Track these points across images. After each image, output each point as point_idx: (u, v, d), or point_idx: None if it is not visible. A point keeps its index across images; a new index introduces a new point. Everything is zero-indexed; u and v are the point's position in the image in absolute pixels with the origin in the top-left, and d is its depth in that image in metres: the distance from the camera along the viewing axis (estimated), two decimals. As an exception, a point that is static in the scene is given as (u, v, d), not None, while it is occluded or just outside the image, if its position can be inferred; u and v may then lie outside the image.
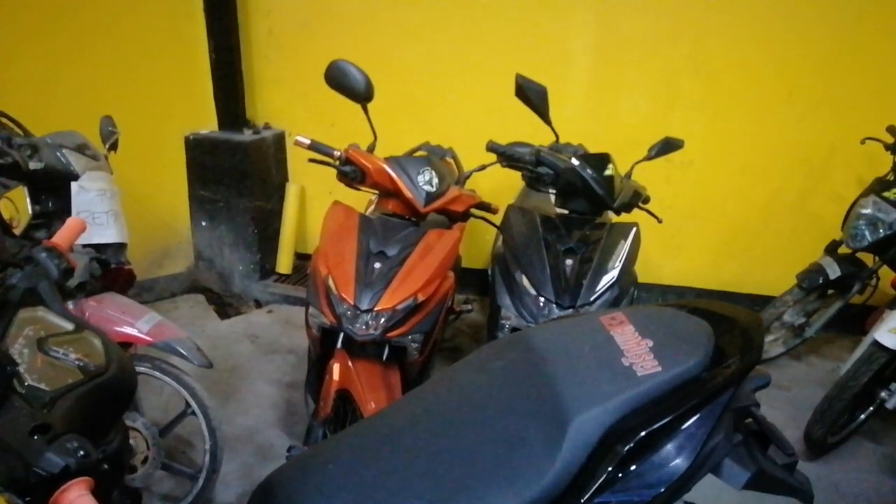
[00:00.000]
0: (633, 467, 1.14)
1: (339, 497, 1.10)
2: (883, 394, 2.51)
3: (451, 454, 1.15)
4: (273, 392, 2.98)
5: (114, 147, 2.38)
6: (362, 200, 2.87)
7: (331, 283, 2.00)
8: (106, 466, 0.94)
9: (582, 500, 1.11)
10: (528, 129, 2.53)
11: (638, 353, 1.22)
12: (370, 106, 2.11)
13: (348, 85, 2.03)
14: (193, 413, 2.15)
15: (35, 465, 0.84)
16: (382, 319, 1.97)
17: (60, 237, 1.25)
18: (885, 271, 2.95)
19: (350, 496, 1.10)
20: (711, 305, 1.42)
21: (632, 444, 1.12)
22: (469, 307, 2.96)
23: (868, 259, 2.97)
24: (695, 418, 1.16)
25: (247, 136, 3.78)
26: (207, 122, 3.84)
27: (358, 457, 1.20)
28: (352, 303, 1.95)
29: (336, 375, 2.04)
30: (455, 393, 1.29)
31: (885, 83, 3.19)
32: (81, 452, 0.86)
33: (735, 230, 3.59)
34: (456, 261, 2.30)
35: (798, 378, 3.15)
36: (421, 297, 2.01)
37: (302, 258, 4.22)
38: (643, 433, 1.12)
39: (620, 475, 1.13)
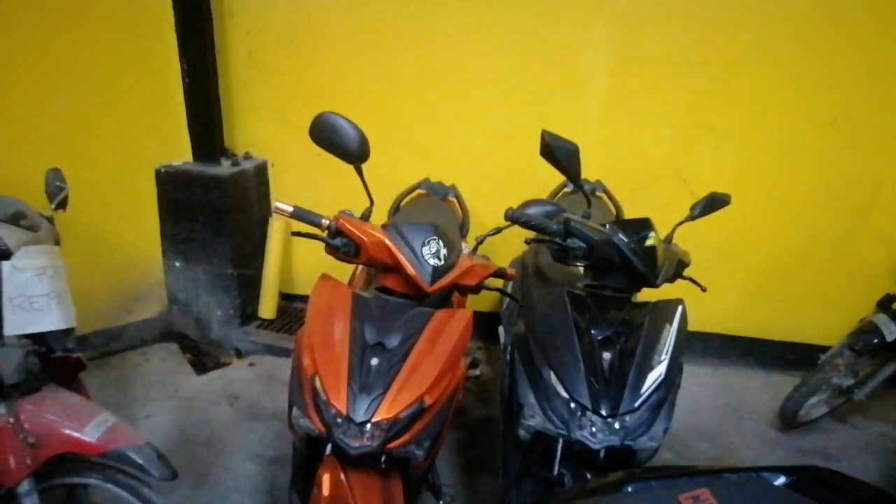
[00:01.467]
0: None
1: None
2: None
3: None
4: (254, 470, 2.61)
5: (62, 205, 2.01)
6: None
7: (318, 384, 1.63)
8: None
9: None
10: (536, 161, 2.17)
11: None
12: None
13: (338, 143, 1.66)
14: None
15: None
16: (381, 431, 1.60)
17: None
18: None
19: None
20: (824, 474, 1.07)
21: None
22: (477, 372, 2.60)
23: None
24: None
25: (225, 167, 3.40)
26: (181, 153, 3.46)
27: None
28: (344, 412, 1.59)
29: (326, 490, 1.67)
30: None
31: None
32: None
33: (768, 272, 3.25)
34: None
35: (847, 446, 2.81)
36: (428, 401, 1.64)
37: (287, 299, 3.85)
38: None
39: None
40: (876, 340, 2.55)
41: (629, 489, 1.07)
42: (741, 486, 1.02)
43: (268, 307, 3.63)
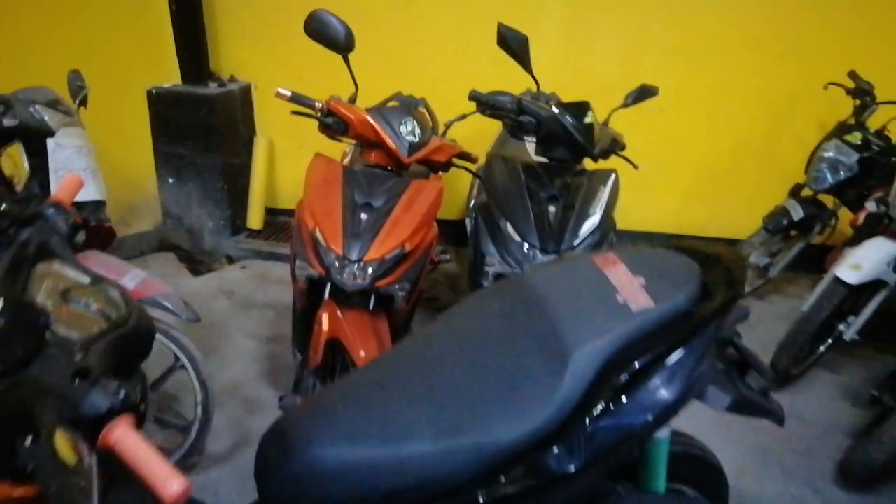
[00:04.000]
0: (626, 396, 1.20)
1: (350, 437, 1.14)
2: (841, 326, 2.66)
3: (456, 391, 1.20)
4: (254, 347, 3.00)
5: (83, 102, 2.31)
6: (337, 152, 2.86)
7: (318, 234, 2.01)
8: (142, 407, 0.98)
9: (580, 428, 1.18)
10: (503, 80, 2.53)
11: (631, 290, 1.27)
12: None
13: (329, 36, 2.00)
14: (183, 367, 2.16)
15: (82, 406, 0.87)
16: (371, 269, 1.99)
17: (62, 193, 1.24)
18: (843, 212, 3.08)
19: (360, 436, 1.15)
20: (697, 245, 1.48)
21: (627, 375, 1.18)
22: (447, 257, 3.00)
23: (828, 201, 3.09)
24: (684, 349, 1.23)
25: (212, 89, 3.68)
26: (170, 76, 3.73)
27: (365, 399, 1.24)
28: (341, 254, 1.97)
29: (326, 325, 2.06)
30: (455, 334, 1.33)
31: (847, 31, 3.27)
32: (123, 393, 0.89)
33: (704, 175, 3.68)
34: None
35: (763, 317, 3.30)
36: (408, 247, 2.04)
37: (273, 213, 4.18)
38: (638, 364, 1.18)
39: (615, 404, 1.19)
40: (785, 221, 3.00)
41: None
42: (638, 250, 1.43)
43: (255, 218, 3.97)
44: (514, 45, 2.04)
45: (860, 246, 2.53)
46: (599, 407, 1.18)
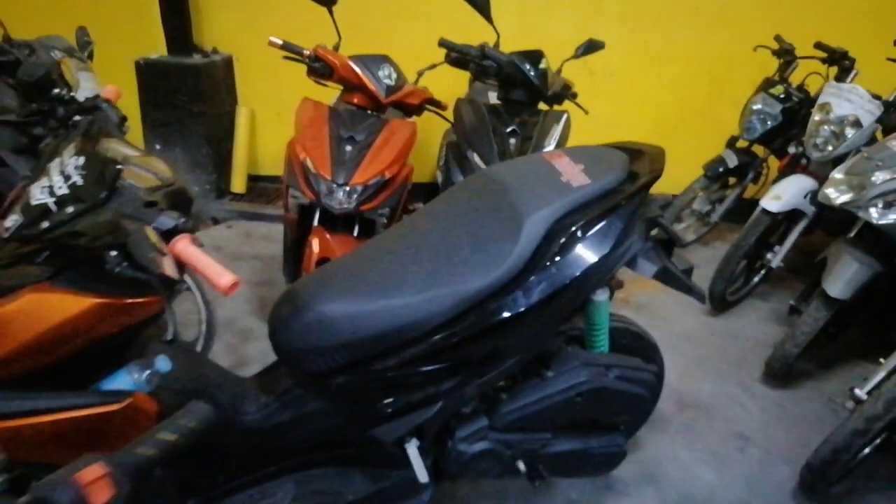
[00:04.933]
0: (566, 254, 1.51)
1: (349, 294, 1.44)
2: (768, 255, 3.03)
3: (435, 254, 1.51)
4: (245, 290, 3.26)
5: (90, 56, 2.55)
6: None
7: (309, 163, 2.29)
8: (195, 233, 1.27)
9: (531, 278, 1.49)
10: (466, 37, 2.83)
11: (573, 173, 1.60)
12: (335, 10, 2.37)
13: (315, -13, 2.28)
14: (189, 289, 2.41)
15: (154, 224, 1.15)
16: (356, 194, 2.28)
17: (108, 94, 1.51)
18: (773, 161, 3.46)
19: (357, 292, 1.45)
20: (627, 144, 1.81)
21: (569, 234, 1.50)
22: (422, 205, 3.29)
23: (760, 151, 3.47)
24: (613, 216, 1.55)
25: (197, 59, 3.92)
26: (156, 48, 3.96)
27: (360, 266, 1.54)
28: (329, 178, 2.26)
29: (316, 247, 2.34)
30: (433, 215, 1.64)
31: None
32: (183, 219, 1.18)
33: (652, 134, 4.01)
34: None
35: (706, 258, 3.66)
36: (388, 175, 2.34)
37: (255, 180, 4.43)
38: (577, 227, 1.50)
39: (557, 259, 1.50)
40: (721, 168, 3.36)
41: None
42: (579, 147, 1.75)
43: (238, 183, 4.22)
44: (476, -3, 2.35)
45: (781, 181, 2.90)
46: (545, 262, 1.50)
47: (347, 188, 2.27)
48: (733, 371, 2.76)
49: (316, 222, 2.40)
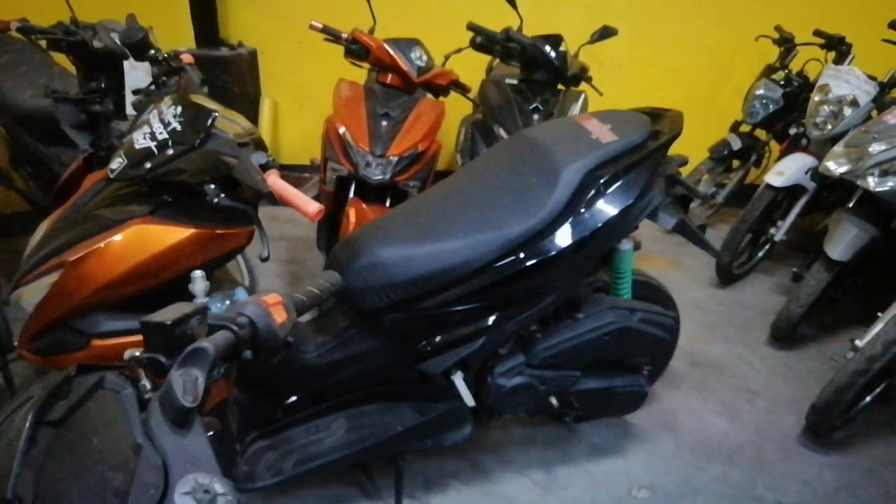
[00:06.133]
0: (597, 201, 1.69)
1: (402, 239, 1.61)
2: (772, 230, 3.22)
3: (479, 203, 1.69)
4: (274, 266, 3.43)
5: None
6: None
7: (348, 137, 2.47)
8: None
9: (565, 223, 1.67)
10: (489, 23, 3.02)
11: (601, 131, 1.78)
12: None
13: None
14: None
15: (248, 160, 1.33)
16: (392, 165, 2.46)
17: (186, 58, 1.70)
18: (774, 147, 3.65)
19: (411, 235, 1.62)
20: (648, 109, 2.00)
21: (600, 184, 1.68)
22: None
23: (762, 136, 3.66)
24: (638, 169, 1.73)
25: (224, 52, 4.11)
26: (186, 41, 4.14)
27: (413, 215, 1.72)
28: (367, 150, 2.43)
29: (353, 217, 2.51)
30: (476, 170, 1.83)
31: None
32: (271, 157, 1.36)
33: (657, 124, 4.23)
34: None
35: (713, 239, 3.78)
36: (421, 148, 2.51)
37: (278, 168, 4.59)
38: (607, 176, 1.68)
39: (590, 206, 1.68)
40: (726, 151, 3.55)
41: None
42: (606, 111, 1.93)
43: (263, 171, 4.39)
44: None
45: (784, 158, 3.09)
46: (580, 209, 1.68)
47: (383, 160, 2.45)
48: (741, 335, 2.94)
49: (352, 194, 2.58)
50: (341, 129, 2.49)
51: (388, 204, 2.63)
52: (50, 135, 2.73)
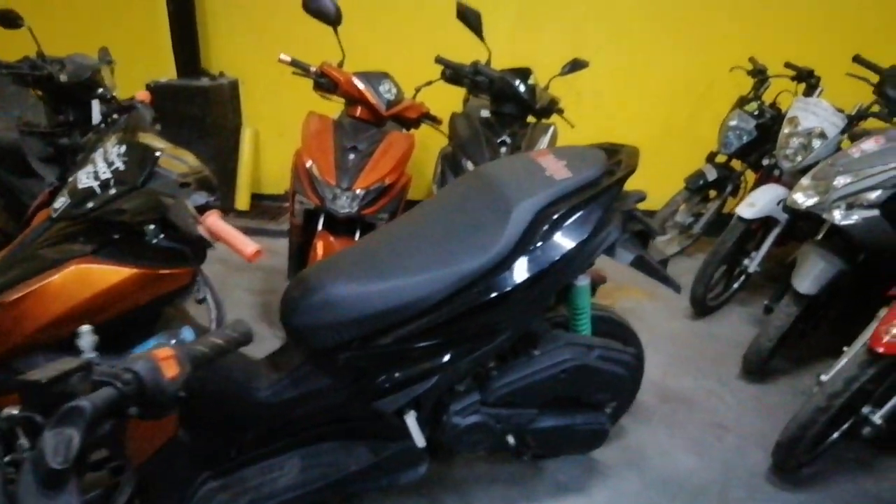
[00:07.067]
0: (549, 238, 1.69)
1: (353, 277, 1.61)
2: (746, 261, 3.21)
3: (432, 240, 1.68)
4: (250, 298, 3.42)
5: (111, 74, 2.74)
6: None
7: (315, 170, 2.47)
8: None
9: (518, 259, 1.66)
10: (459, 56, 3.05)
11: (556, 168, 1.78)
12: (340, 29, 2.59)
13: (322, 10, 2.49)
14: (204, 299, 2.57)
15: (181, 202, 1.33)
16: (358, 198, 2.46)
17: (142, 97, 1.70)
18: (750, 176, 3.67)
19: (360, 275, 1.61)
20: (604, 145, 2.01)
21: (552, 221, 1.67)
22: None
23: (738, 166, 3.68)
24: (593, 205, 1.74)
25: (205, 82, 4.14)
26: (167, 72, 4.18)
27: (367, 251, 1.72)
28: (334, 184, 2.44)
29: (320, 250, 2.51)
30: (431, 207, 1.82)
31: (746, 23, 3.92)
32: (213, 197, 1.36)
33: (636, 153, 4.25)
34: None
35: (690, 269, 3.83)
36: (388, 181, 2.52)
37: (258, 198, 4.61)
38: (560, 213, 1.68)
39: (541, 244, 1.68)
40: (702, 181, 3.56)
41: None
42: (563, 147, 1.93)
43: (242, 200, 4.41)
44: (470, 17, 2.57)
45: (756, 190, 3.09)
46: (531, 246, 1.68)
47: (350, 193, 2.45)
48: (713, 368, 2.92)
49: (320, 227, 2.57)
50: (308, 163, 2.49)
51: (356, 237, 2.63)
52: (21, 167, 2.74)
